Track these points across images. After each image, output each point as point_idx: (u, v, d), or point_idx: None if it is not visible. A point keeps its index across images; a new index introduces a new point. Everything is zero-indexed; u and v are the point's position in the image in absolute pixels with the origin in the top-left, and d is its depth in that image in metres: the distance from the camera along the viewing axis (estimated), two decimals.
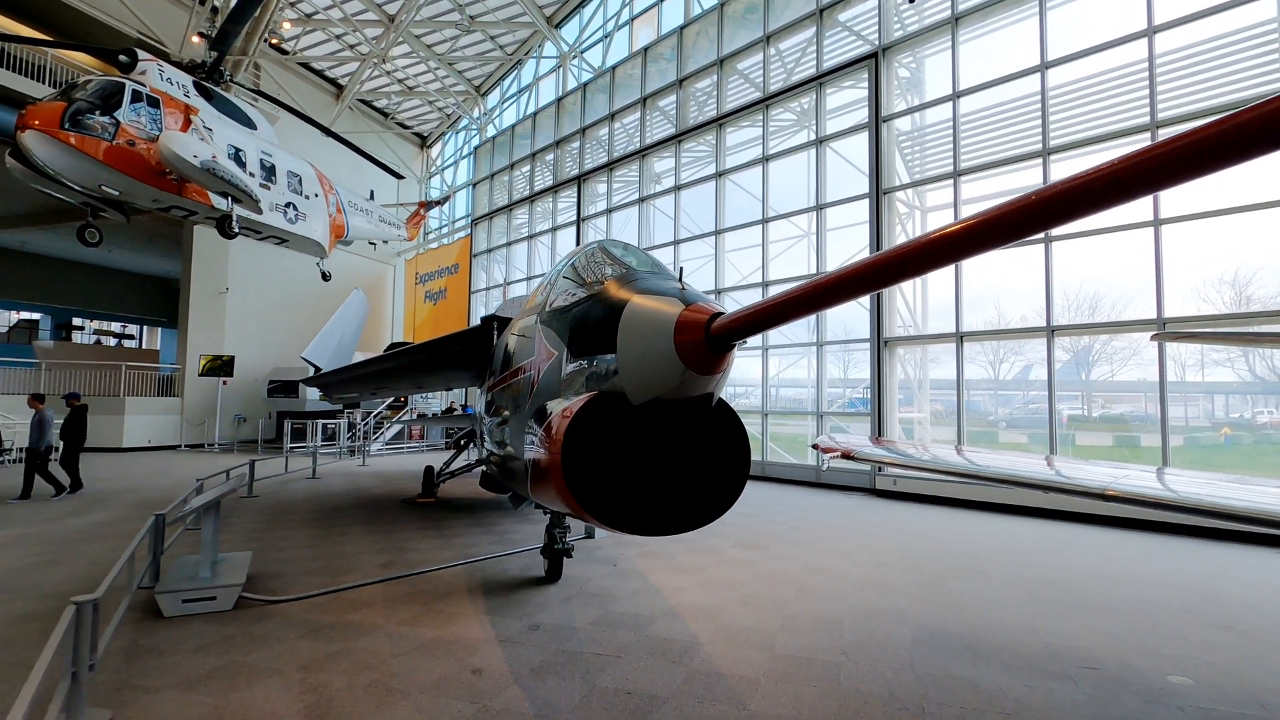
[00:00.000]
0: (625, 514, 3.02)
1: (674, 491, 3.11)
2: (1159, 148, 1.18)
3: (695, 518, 3.09)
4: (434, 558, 7.45)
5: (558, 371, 3.63)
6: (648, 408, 2.87)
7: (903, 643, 4.93)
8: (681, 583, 6.53)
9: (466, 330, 9.36)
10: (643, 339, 2.68)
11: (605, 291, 3.25)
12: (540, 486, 3.56)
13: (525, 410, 4.26)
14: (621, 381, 2.83)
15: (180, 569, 5.93)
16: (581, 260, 4.29)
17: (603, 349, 3.05)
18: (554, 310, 4.00)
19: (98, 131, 13.07)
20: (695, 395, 2.66)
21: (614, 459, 3.06)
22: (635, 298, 2.87)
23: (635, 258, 3.78)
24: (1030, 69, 11.74)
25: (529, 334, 4.60)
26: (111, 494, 12.05)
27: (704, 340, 2.36)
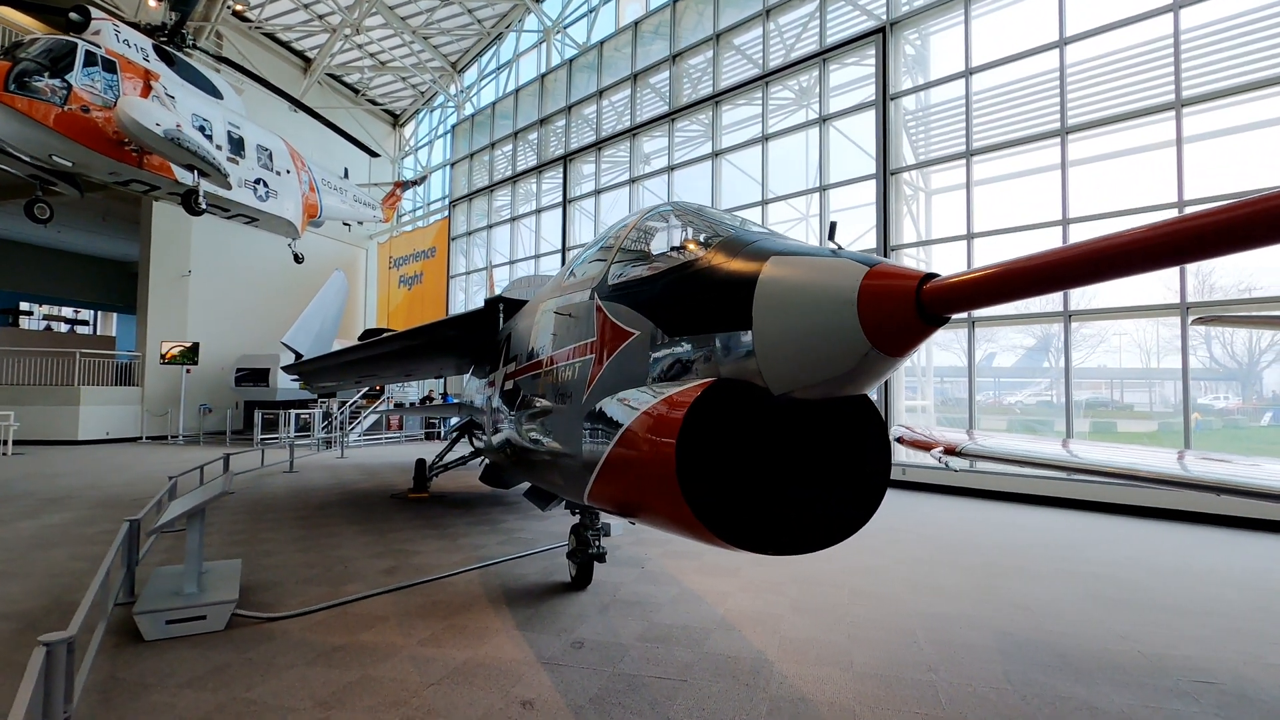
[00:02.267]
0: (753, 529, 2.45)
1: (803, 500, 2.55)
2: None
3: (831, 532, 2.53)
4: (442, 562, 6.80)
5: (639, 355, 3.03)
6: (787, 397, 2.30)
7: (987, 654, 4.47)
8: (721, 586, 6.00)
9: (468, 313, 8.64)
10: (801, 312, 2.10)
11: (718, 257, 2.65)
12: (626, 491, 2.97)
13: (581, 400, 3.65)
14: (761, 364, 2.25)
15: (161, 583, 5.19)
16: (651, 225, 3.68)
17: (722, 325, 2.47)
18: (625, 284, 3.38)
19: (47, 95, 11.90)
20: (863, 382, 2.10)
21: (736, 460, 2.49)
22: (777, 262, 2.28)
23: (727, 219, 3.19)
24: (1048, 45, 11.35)
25: (578, 313, 3.98)
26: (69, 492, 11.06)
27: (912, 311, 1.80)
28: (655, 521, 2.86)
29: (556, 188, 22.61)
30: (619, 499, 3.16)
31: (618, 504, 3.24)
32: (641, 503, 2.84)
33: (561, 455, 4.09)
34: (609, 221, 20.30)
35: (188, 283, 23.63)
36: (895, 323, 1.85)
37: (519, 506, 10.09)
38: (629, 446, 2.82)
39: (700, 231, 3.11)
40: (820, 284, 2.05)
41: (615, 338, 3.33)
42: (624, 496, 3.05)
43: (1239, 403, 23.03)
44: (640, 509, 2.92)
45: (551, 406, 4.28)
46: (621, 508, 3.22)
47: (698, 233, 3.12)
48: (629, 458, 2.83)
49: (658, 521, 2.82)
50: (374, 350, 9.57)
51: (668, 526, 2.73)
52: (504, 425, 6.08)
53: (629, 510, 3.14)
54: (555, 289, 4.92)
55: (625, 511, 3.22)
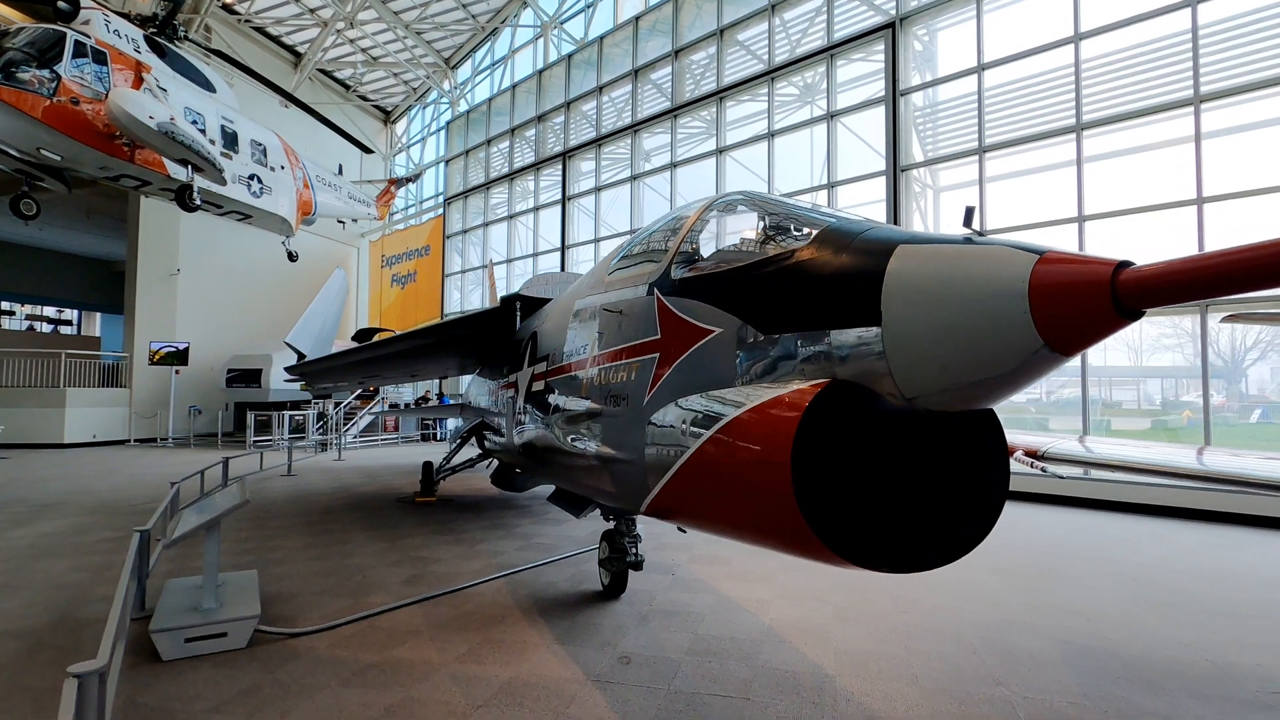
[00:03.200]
0: (868, 545, 2.24)
1: (916, 515, 2.34)
2: None
3: (945, 549, 2.32)
4: (463, 570, 6.54)
5: (722, 354, 2.81)
6: (910, 403, 2.09)
7: (1052, 664, 4.29)
8: (758, 593, 5.80)
9: (482, 312, 8.39)
10: (948, 306, 1.88)
11: (827, 247, 2.43)
12: (711, 502, 2.74)
13: (641, 402, 3.41)
14: (892, 365, 2.03)
15: (175, 597, 4.90)
16: (720, 216, 3.46)
17: (839, 321, 2.25)
18: (698, 278, 3.15)
19: (35, 87, 11.46)
20: (1019, 384, 1.89)
21: (848, 470, 2.28)
22: (909, 251, 2.07)
23: (813, 208, 2.97)
24: (1063, 40, 11.24)
25: (633, 310, 3.74)
26: (61, 498, 10.66)
27: (1107, 303, 1.59)
28: (749, 535, 2.63)
29: (555, 185, 22.32)
30: (697, 510, 2.93)
31: (694, 515, 3.01)
32: (733, 515, 2.61)
33: (613, 461, 3.85)
34: (609, 219, 20.07)
35: (177, 281, 23.09)
36: (1081, 316, 1.64)
37: (531, 510, 9.83)
38: (718, 453, 2.59)
39: (788, 221, 2.89)
40: (976, 274, 1.83)
41: (687, 335, 3.10)
42: (706, 507, 2.82)
43: (1223, 400, 23.16)
44: (729, 521, 2.70)
45: (600, 409, 4.04)
46: (698, 519, 2.99)
47: (784, 222, 2.90)
48: (718, 465, 2.60)
49: (753, 535, 2.60)
50: (381, 350, 9.27)
51: (769, 541, 2.51)
52: (531, 428, 5.83)
53: (708, 522, 2.91)
54: (595, 285, 4.68)
55: (702, 523, 2.99)
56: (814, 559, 2.32)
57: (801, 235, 2.73)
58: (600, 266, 4.95)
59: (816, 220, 2.70)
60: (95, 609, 5.26)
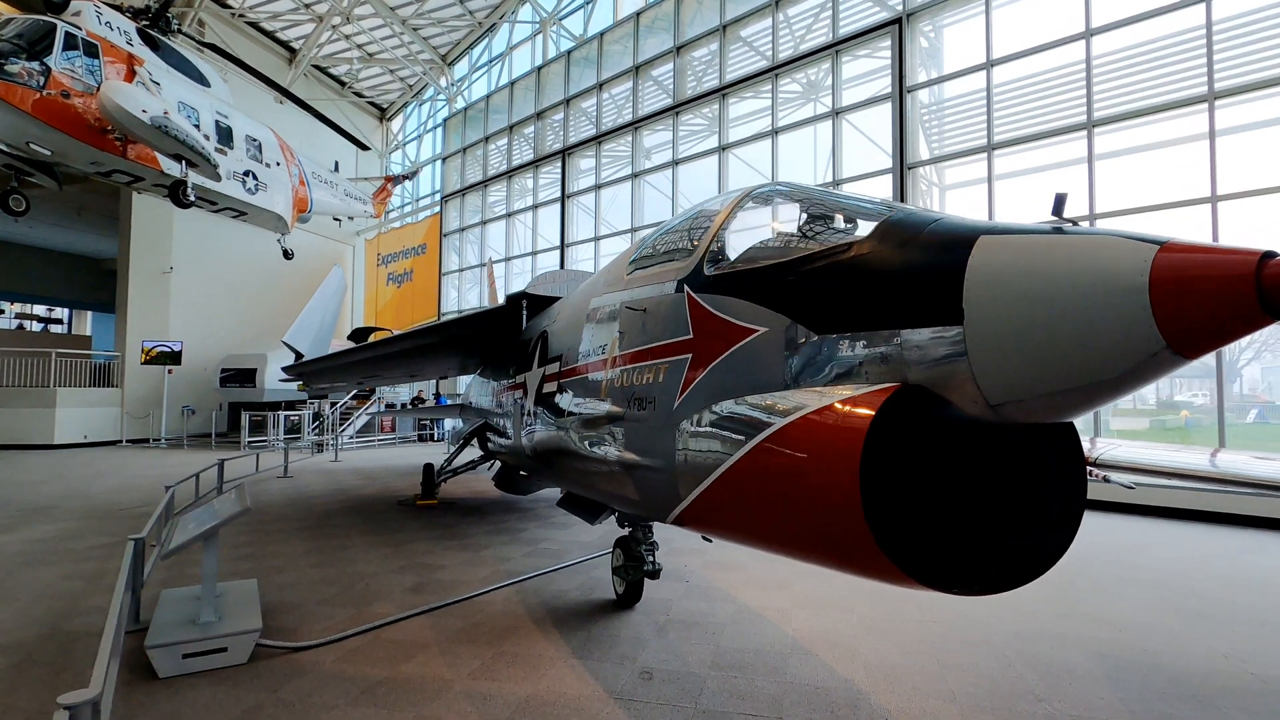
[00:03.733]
0: (947, 565, 2.04)
1: (988, 533, 2.15)
2: None
3: (1026, 567, 2.13)
4: (470, 577, 6.33)
5: (767, 355, 2.61)
6: (987, 411, 1.90)
7: (1092, 679, 4.12)
8: (777, 602, 5.60)
9: (486, 310, 8.17)
10: (1048, 302, 1.69)
11: (891, 240, 2.23)
12: (755, 514, 2.54)
13: (670, 405, 3.22)
14: (976, 367, 1.84)
15: (171, 609, 4.67)
16: (755, 209, 3.27)
17: (911, 320, 2.05)
18: (736, 273, 2.95)
19: (23, 79, 11.16)
20: (1127, 389, 1.70)
21: (916, 483, 2.08)
22: (993, 243, 1.87)
23: (863, 198, 2.78)
24: (1075, 36, 11.09)
25: (659, 308, 3.54)
26: (51, 501, 10.38)
27: (1251, 299, 1.39)
28: (803, 551, 2.43)
29: (553, 183, 22.09)
30: (740, 522, 2.73)
31: (735, 527, 2.81)
32: (785, 529, 2.41)
33: (637, 467, 3.65)
34: (609, 218, 19.85)
35: (169, 280, 22.74)
36: (1216, 314, 1.45)
37: (535, 514, 9.62)
38: (768, 462, 2.39)
39: (837, 212, 2.70)
40: (1083, 266, 1.64)
41: (724, 335, 2.90)
42: (751, 520, 2.62)
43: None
44: (779, 536, 2.49)
45: (621, 412, 3.83)
46: (740, 532, 2.79)
47: (833, 214, 2.71)
48: (768, 475, 2.40)
49: (808, 552, 2.40)
50: (383, 350, 9.04)
51: (826, 558, 2.30)
52: (542, 431, 5.62)
53: (753, 536, 2.71)
54: (613, 282, 4.48)
55: (744, 537, 2.79)
56: (879, 578, 2.12)
57: (856, 227, 2.54)
58: (617, 263, 4.75)
59: (872, 211, 2.51)
60: (88, 620, 5.02)
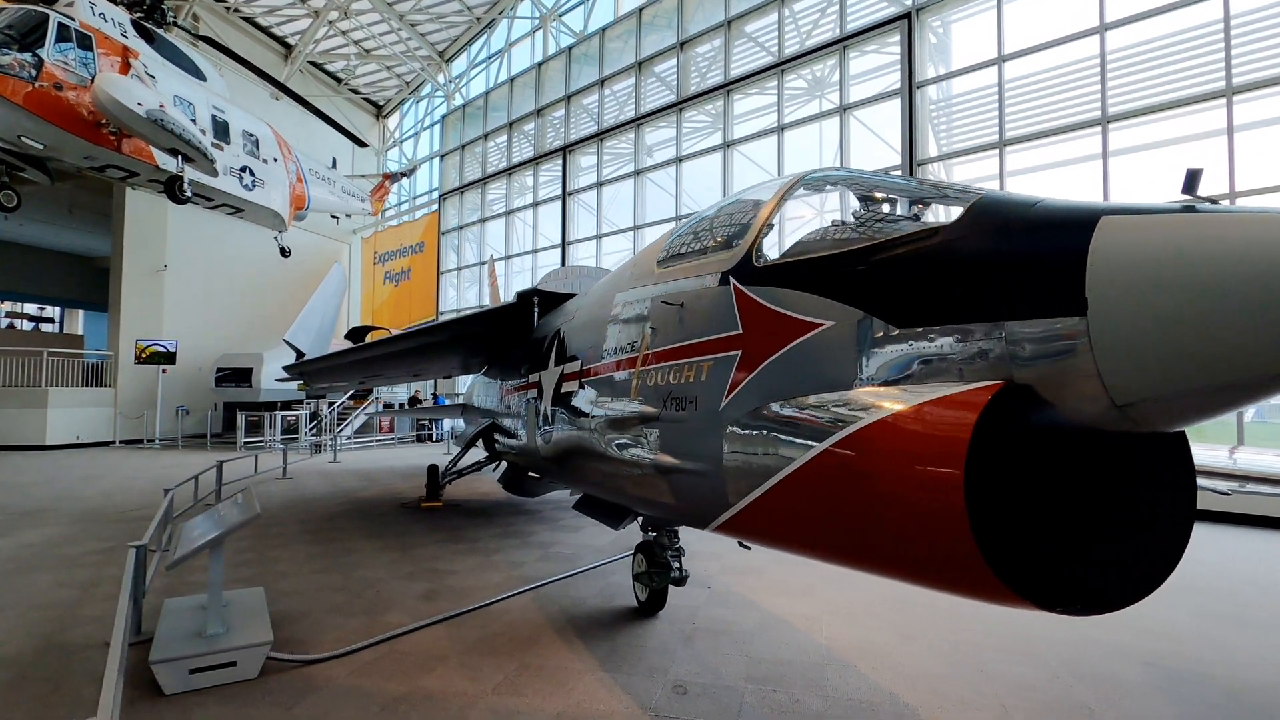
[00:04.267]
0: (1056, 582, 1.85)
1: (1097, 544, 1.95)
2: None
3: (1138, 583, 1.93)
4: (483, 583, 6.11)
5: (837, 351, 2.40)
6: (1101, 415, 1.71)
7: (1144, 691, 3.94)
8: (803, 609, 5.41)
9: (496, 308, 7.95)
10: (1200, 289, 1.49)
11: (986, 224, 2.04)
12: (826, 523, 2.33)
13: (717, 405, 3.02)
14: (1104, 363, 1.64)
15: (175, 620, 4.43)
16: (812, 193, 3.08)
17: (1020, 310, 1.85)
18: (797, 263, 2.75)
19: (15, 71, 10.90)
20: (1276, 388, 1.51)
21: (1031, 490, 1.89)
22: (1120, 224, 1.68)
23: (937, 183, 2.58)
24: (1088, 30, 10.94)
25: (700, 303, 3.34)
26: (43, 505, 10.09)
27: None
28: (888, 566, 2.22)
29: (554, 180, 21.86)
30: (807, 533, 2.53)
31: (796, 537, 2.61)
32: (867, 541, 2.20)
33: (676, 471, 3.45)
34: (611, 216, 19.63)
35: (163, 278, 22.39)
36: None
37: (543, 516, 9.41)
38: (841, 467, 2.19)
39: (911, 196, 2.50)
40: (1237, 247, 1.45)
41: (781, 330, 2.70)
42: (823, 531, 2.42)
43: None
44: (859, 549, 2.29)
45: (655, 413, 3.63)
46: (807, 544, 2.59)
47: (906, 198, 2.52)
48: (845, 481, 2.20)
49: (894, 567, 2.19)
50: (388, 348, 8.81)
51: (918, 575, 2.10)
52: (562, 432, 5.41)
53: (826, 549, 2.50)
54: (641, 276, 4.28)
55: (814, 549, 2.58)
56: (981, 597, 1.92)
57: (926, 212, 2.34)
58: (644, 257, 4.54)
59: (948, 195, 2.31)
60: (85, 632, 4.78)
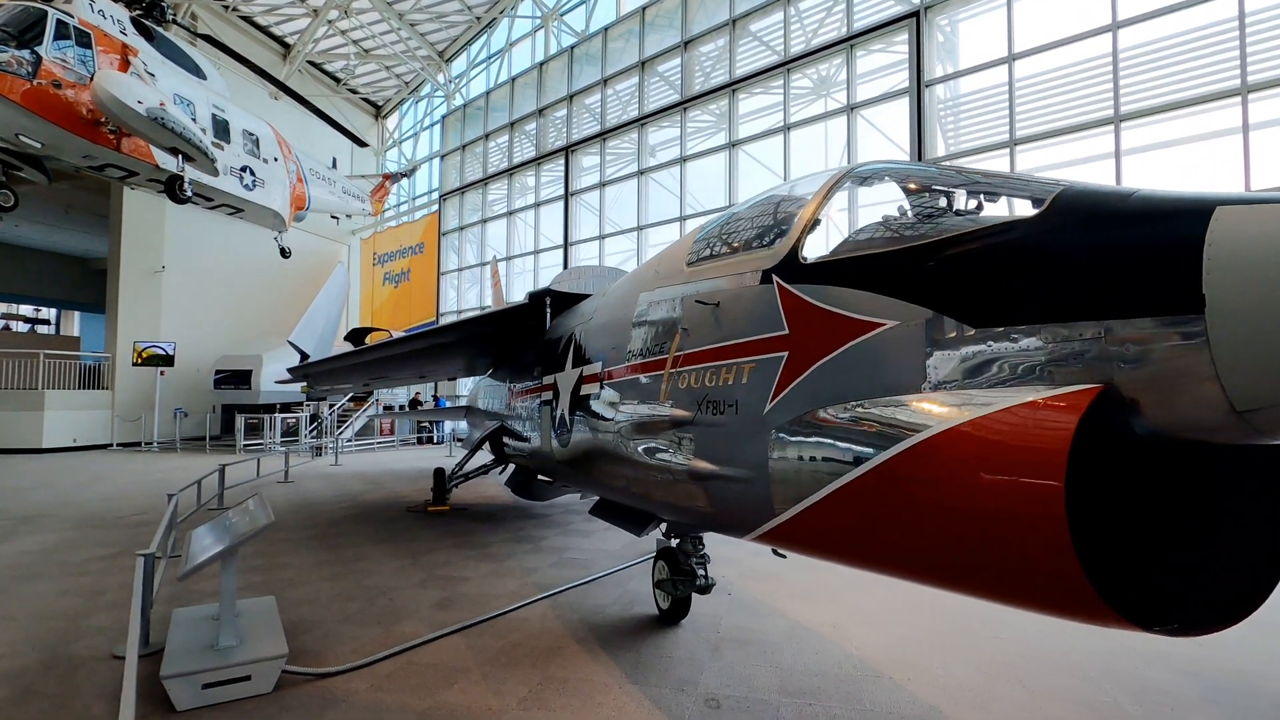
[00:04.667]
0: (1161, 600, 1.72)
1: (1199, 558, 1.83)
2: None
3: (1242, 599, 1.80)
4: (497, 590, 5.96)
5: (900, 352, 2.27)
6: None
7: (1193, 703, 3.81)
8: (830, 617, 5.28)
9: (507, 309, 7.83)
10: None
11: (1076, 213, 1.91)
12: (914, 539, 2.18)
13: (760, 409, 2.89)
14: (1225, 363, 1.51)
15: (186, 632, 4.28)
16: (862, 186, 2.96)
17: (1121, 307, 1.72)
18: (848, 260, 2.63)
19: (13, 68, 10.71)
20: None
21: (1129, 500, 1.76)
22: (1240, 213, 1.55)
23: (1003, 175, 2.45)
24: (1101, 28, 10.85)
25: (738, 302, 3.21)
26: (42, 510, 9.91)
27: None
28: (967, 583, 2.08)
29: (556, 180, 21.73)
30: (865, 544, 2.39)
31: (857, 550, 2.47)
32: (945, 556, 2.07)
33: (713, 478, 3.32)
34: (613, 216, 19.50)
35: (161, 279, 22.18)
36: None
37: (553, 520, 9.26)
38: (913, 476, 2.06)
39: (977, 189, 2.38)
40: None
41: (834, 330, 2.56)
42: (883, 542, 2.28)
43: None
44: (927, 563, 2.15)
45: (689, 416, 3.50)
46: (864, 555, 2.45)
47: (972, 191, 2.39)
48: (913, 491, 2.07)
49: (975, 584, 2.05)
50: (395, 350, 8.69)
51: (1003, 592, 1.96)
52: (582, 436, 5.27)
53: (884, 560, 2.37)
54: (669, 275, 4.15)
55: (870, 560, 2.45)
56: (1077, 616, 1.78)
57: (1004, 204, 2.22)
58: (671, 255, 4.41)
59: (1023, 186, 2.18)
60: (90, 644, 4.62)
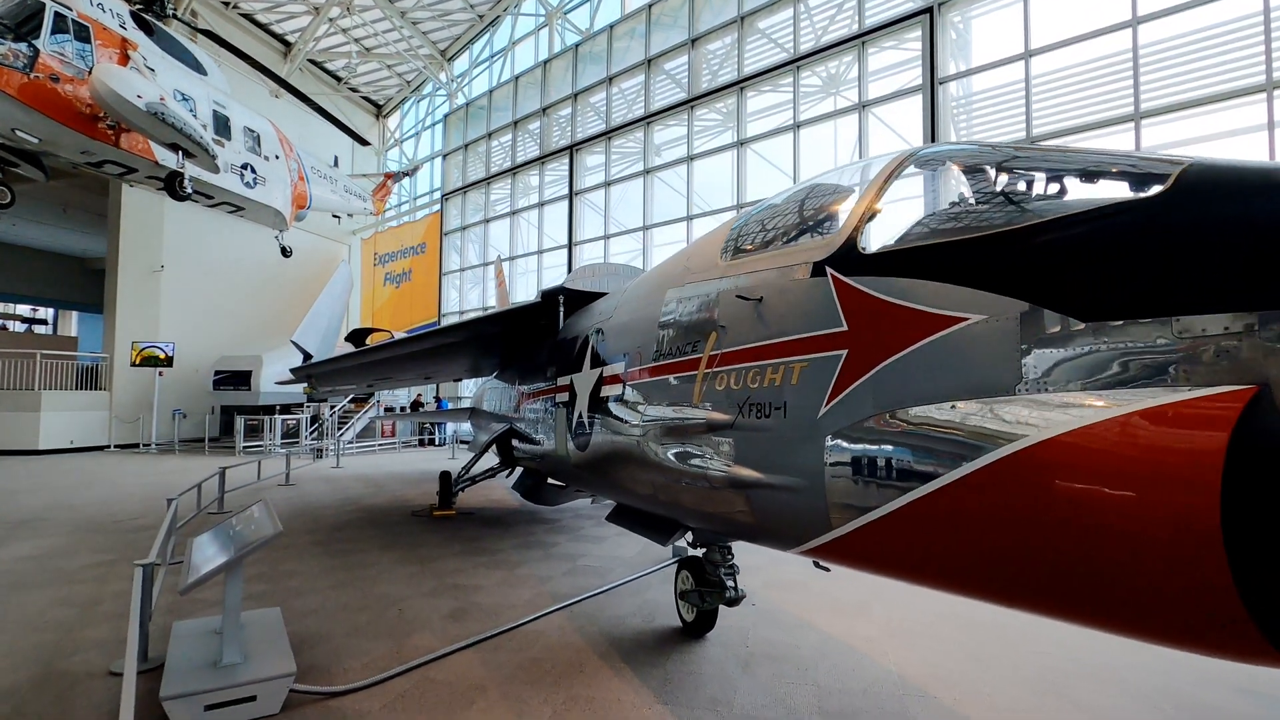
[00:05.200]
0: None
1: None
2: None
3: None
4: (511, 600, 5.71)
5: (989, 348, 2.04)
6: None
7: None
8: (861, 630, 5.04)
9: (518, 307, 7.60)
10: None
11: (1212, 190, 1.68)
12: (1013, 560, 1.94)
13: (814, 413, 2.66)
14: None
15: (186, 647, 4.03)
16: (927, 170, 2.74)
17: (1268, 296, 1.49)
18: (921, 249, 2.40)
19: (9, 61, 10.46)
20: None
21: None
22: None
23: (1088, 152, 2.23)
24: (1120, 24, 10.64)
25: (786, 297, 2.98)
26: (36, 513, 9.64)
27: None
28: (1071, 611, 1.85)
29: (559, 180, 21.50)
30: (946, 563, 2.16)
31: (935, 568, 2.24)
32: (1045, 579, 1.83)
33: (754, 486, 3.08)
34: (618, 216, 19.28)
35: (160, 278, 21.91)
36: None
37: (562, 525, 9.02)
38: (1018, 489, 1.83)
39: (1054, 172, 2.16)
40: None
41: (907, 326, 2.32)
42: (972, 562, 2.05)
43: None
44: (1025, 588, 1.92)
45: (727, 419, 3.26)
46: (942, 575, 2.22)
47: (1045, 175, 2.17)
48: (1016, 506, 1.83)
49: (1079, 612, 1.82)
50: (401, 350, 8.45)
51: (1136, 626, 1.73)
52: (598, 439, 5.04)
53: (965, 581, 2.13)
54: (702, 270, 3.92)
55: (946, 581, 2.22)
56: (1226, 653, 1.55)
57: (1112, 184, 1.98)
58: (701, 249, 4.18)
59: (1138, 164, 1.96)
60: (88, 659, 4.37)
